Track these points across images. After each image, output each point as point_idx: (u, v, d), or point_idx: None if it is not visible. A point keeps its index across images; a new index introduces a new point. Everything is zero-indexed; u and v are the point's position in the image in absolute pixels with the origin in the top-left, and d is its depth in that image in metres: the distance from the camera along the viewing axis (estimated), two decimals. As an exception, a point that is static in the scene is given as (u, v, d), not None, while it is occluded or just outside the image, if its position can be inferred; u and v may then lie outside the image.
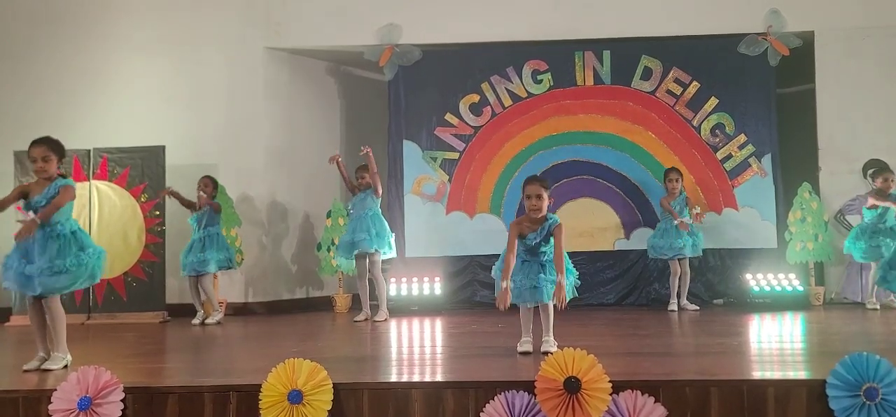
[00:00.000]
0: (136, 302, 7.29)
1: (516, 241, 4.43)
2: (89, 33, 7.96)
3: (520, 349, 4.47)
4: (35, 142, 4.27)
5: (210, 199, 6.95)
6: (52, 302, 4.27)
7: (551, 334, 4.48)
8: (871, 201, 6.64)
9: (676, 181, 7.03)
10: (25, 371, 4.15)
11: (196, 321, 6.80)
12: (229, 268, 7.18)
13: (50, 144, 4.28)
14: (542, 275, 4.37)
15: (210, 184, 7.00)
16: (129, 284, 7.34)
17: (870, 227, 6.68)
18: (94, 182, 7.47)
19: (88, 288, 7.15)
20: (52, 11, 7.99)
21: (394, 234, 6.97)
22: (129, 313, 7.22)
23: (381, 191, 6.82)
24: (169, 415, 3.45)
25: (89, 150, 7.48)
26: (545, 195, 4.37)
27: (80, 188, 7.36)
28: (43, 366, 4.19)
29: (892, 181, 6.55)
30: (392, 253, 6.94)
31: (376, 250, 6.67)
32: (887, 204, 6.51)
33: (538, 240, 4.40)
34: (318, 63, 8.52)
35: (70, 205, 4.34)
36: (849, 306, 7.14)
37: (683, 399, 3.31)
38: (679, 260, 6.99)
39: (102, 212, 7.42)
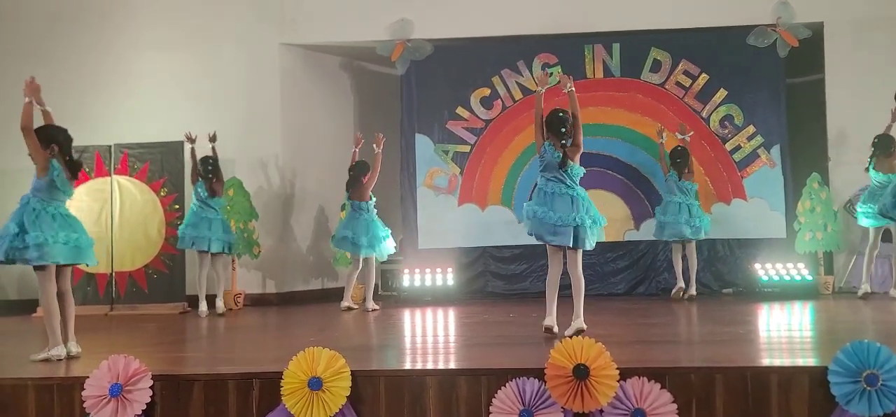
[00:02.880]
0: (156, 293, 7.47)
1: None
2: (109, 31, 8.13)
3: (546, 324, 4.69)
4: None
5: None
6: (66, 286, 4.48)
7: (581, 314, 4.67)
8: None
9: (680, 163, 7.14)
10: (61, 358, 4.33)
11: (219, 310, 6.95)
12: (230, 254, 7.28)
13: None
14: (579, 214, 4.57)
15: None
16: (150, 276, 7.52)
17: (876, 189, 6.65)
18: (116, 177, 7.65)
19: (111, 280, 7.41)
20: (73, 10, 8.15)
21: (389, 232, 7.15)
22: (150, 304, 7.40)
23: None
24: (195, 401, 3.61)
25: (110, 146, 7.65)
26: None
27: (102, 183, 7.60)
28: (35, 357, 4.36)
29: None
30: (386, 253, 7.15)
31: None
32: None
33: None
34: (331, 58, 8.65)
35: (59, 174, 4.38)
36: (857, 295, 7.19)
37: (689, 386, 3.41)
38: (686, 243, 7.08)
39: (124, 207, 7.60)
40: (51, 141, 4.37)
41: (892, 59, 7.42)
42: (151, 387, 3.58)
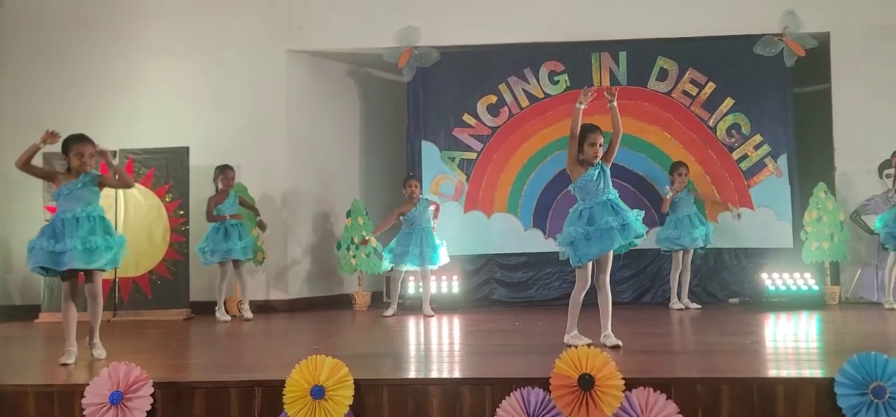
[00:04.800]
0: (160, 299, 7.47)
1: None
2: (116, 37, 8.15)
3: (569, 341, 4.56)
4: (88, 139, 4.64)
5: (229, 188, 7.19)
6: (97, 290, 4.58)
7: (610, 327, 4.61)
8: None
9: (683, 176, 7.12)
10: (63, 364, 4.34)
11: (227, 318, 7.00)
12: (251, 259, 7.39)
13: (88, 140, 4.66)
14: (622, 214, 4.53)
15: (231, 174, 7.20)
16: (154, 282, 7.52)
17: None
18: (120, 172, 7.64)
19: (114, 285, 7.41)
20: (81, 16, 8.18)
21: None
22: (153, 310, 7.41)
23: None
24: (197, 409, 3.59)
25: (116, 151, 7.65)
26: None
27: (107, 189, 7.56)
28: (94, 354, 4.49)
29: None
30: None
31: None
32: None
33: (596, 174, 4.62)
34: (338, 65, 8.66)
35: (98, 192, 4.69)
36: (864, 305, 7.15)
37: (695, 396, 3.39)
38: (685, 253, 7.07)
39: (128, 212, 7.61)
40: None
41: (899, 69, 7.40)
42: (152, 395, 3.57)
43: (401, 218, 7.20)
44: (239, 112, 7.95)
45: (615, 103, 4.74)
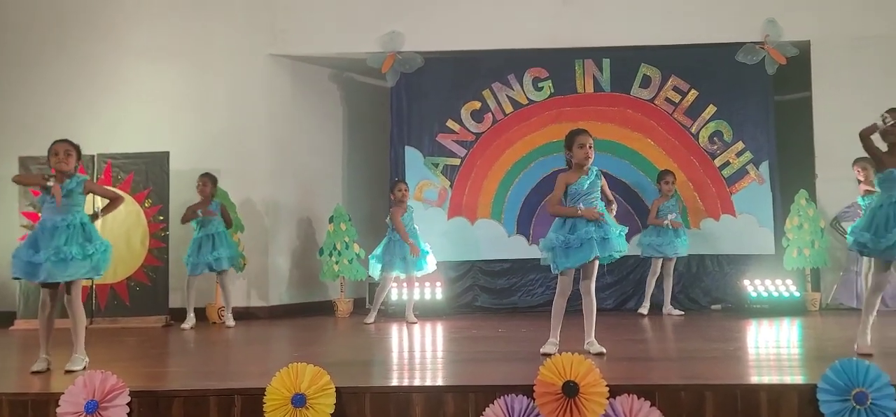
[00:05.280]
0: (138, 306, 7.36)
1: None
2: (95, 40, 8.04)
3: (544, 350, 4.49)
4: (59, 140, 4.50)
5: (210, 198, 7.05)
6: (75, 301, 4.44)
7: (594, 334, 4.57)
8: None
9: (671, 183, 7.16)
10: (34, 372, 4.23)
11: (186, 326, 6.87)
12: (234, 267, 7.28)
13: (72, 142, 4.51)
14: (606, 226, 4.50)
15: (209, 183, 7.08)
16: (133, 288, 7.41)
17: None
18: (111, 188, 7.52)
19: (91, 292, 7.29)
20: (59, 18, 8.07)
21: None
22: (131, 317, 7.29)
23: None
24: (175, 418, 3.53)
25: (93, 156, 7.55)
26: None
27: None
28: (67, 367, 4.32)
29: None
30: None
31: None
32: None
33: (588, 183, 4.55)
34: (321, 69, 8.61)
35: (84, 199, 4.54)
36: (844, 312, 7.21)
37: (679, 403, 3.38)
38: (665, 261, 7.09)
39: (106, 217, 7.36)
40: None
41: (877, 78, 7.46)
42: (129, 404, 3.49)
43: (388, 222, 7.13)
44: (220, 116, 7.87)
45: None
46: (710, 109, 7.82)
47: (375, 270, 7.11)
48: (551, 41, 7.85)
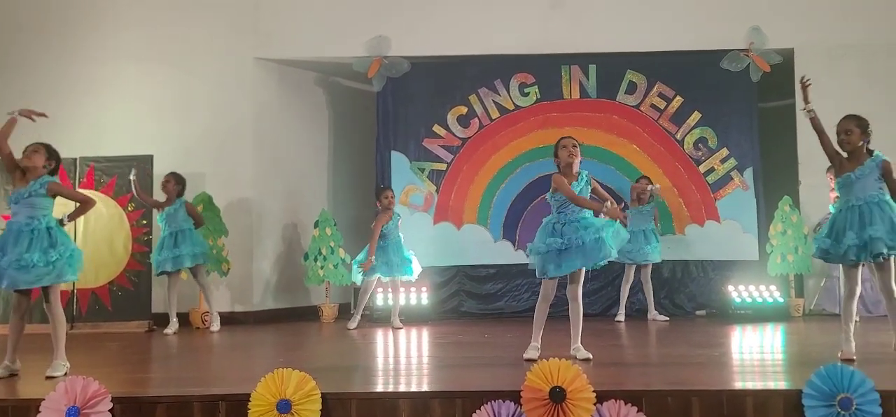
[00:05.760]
0: (121, 311, 7.27)
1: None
2: (79, 43, 7.96)
3: (527, 356, 4.48)
4: (40, 143, 4.50)
5: (174, 196, 6.95)
6: (54, 306, 4.36)
7: (580, 340, 4.56)
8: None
9: (645, 189, 7.19)
10: None
11: (169, 331, 6.79)
12: (204, 264, 7.14)
13: (42, 143, 4.49)
14: (596, 227, 4.45)
15: (172, 181, 6.99)
16: (115, 293, 7.32)
17: None
18: (81, 191, 7.43)
19: (72, 297, 7.19)
20: (42, 22, 7.98)
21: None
22: (113, 322, 7.20)
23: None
24: (158, 424, 3.48)
25: (75, 159, 7.46)
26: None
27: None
28: (48, 373, 4.24)
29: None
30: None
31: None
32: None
33: (579, 188, 4.57)
34: (306, 73, 8.57)
35: (50, 201, 4.43)
36: (827, 317, 7.27)
37: (666, 409, 3.39)
38: (641, 267, 7.10)
39: (88, 221, 7.38)
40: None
41: (860, 85, 7.54)
42: (111, 410, 3.44)
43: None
44: (204, 120, 7.80)
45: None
46: (695, 116, 7.87)
47: (358, 275, 7.05)
48: (538, 47, 7.87)
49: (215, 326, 7.02)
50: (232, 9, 8.01)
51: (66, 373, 4.25)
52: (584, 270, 4.57)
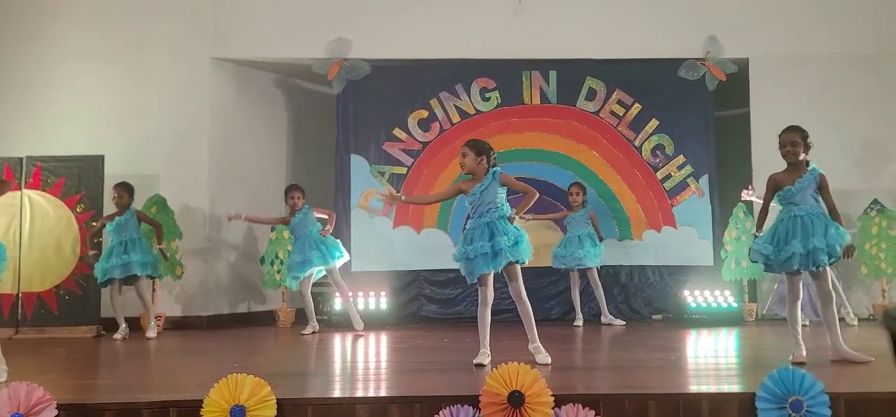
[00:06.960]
0: (68, 315, 7.03)
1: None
2: (28, 40, 7.71)
3: (477, 361, 4.46)
4: None
5: (125, 208, 6.74)
6: None
7: (538, 338, 4.54)
8: None
9: (577, 195, 7.26)
10: None
11: (118, 336, 6.60)
12: (153, 276, 6.96)
13: None
14: (497, 237, 4.44)
15: (126, 195, 6.77)
16: (61, 297, 7.07)
17: None
18: (27, 191, 7.19)
19: (17, 301, 6.94)
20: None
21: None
22: (60, 327, 6.95)
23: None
24: (105, 432, 3.36)
25: (22, 158, 7.21)
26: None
27: (11, 197, 7.09)
28: None
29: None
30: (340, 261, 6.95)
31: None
32: None
33: (482, 190, 4.59)
34: (265, 74, 8.44)
35: None
36: (779, 322, 7.41)
37: (623, 412, 3.40)
38: (587, 271, 7.18)
39: (35, 223, 7.15)
40: None
41: (813, 95, 7.75)
42: (56, 417, 3.31)
43: (286, 228, 7.03)
44: (159, 120, 7.63)
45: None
46: (653, 123, 7.99)
47: (292, 280, 6.89)
48: (499, 52, 7.90)
49: (151, 333, 6.77)
50: (189, 7, 7.85)
51: (5, 379, 4.08)
52: (518, 268, 4.55)
